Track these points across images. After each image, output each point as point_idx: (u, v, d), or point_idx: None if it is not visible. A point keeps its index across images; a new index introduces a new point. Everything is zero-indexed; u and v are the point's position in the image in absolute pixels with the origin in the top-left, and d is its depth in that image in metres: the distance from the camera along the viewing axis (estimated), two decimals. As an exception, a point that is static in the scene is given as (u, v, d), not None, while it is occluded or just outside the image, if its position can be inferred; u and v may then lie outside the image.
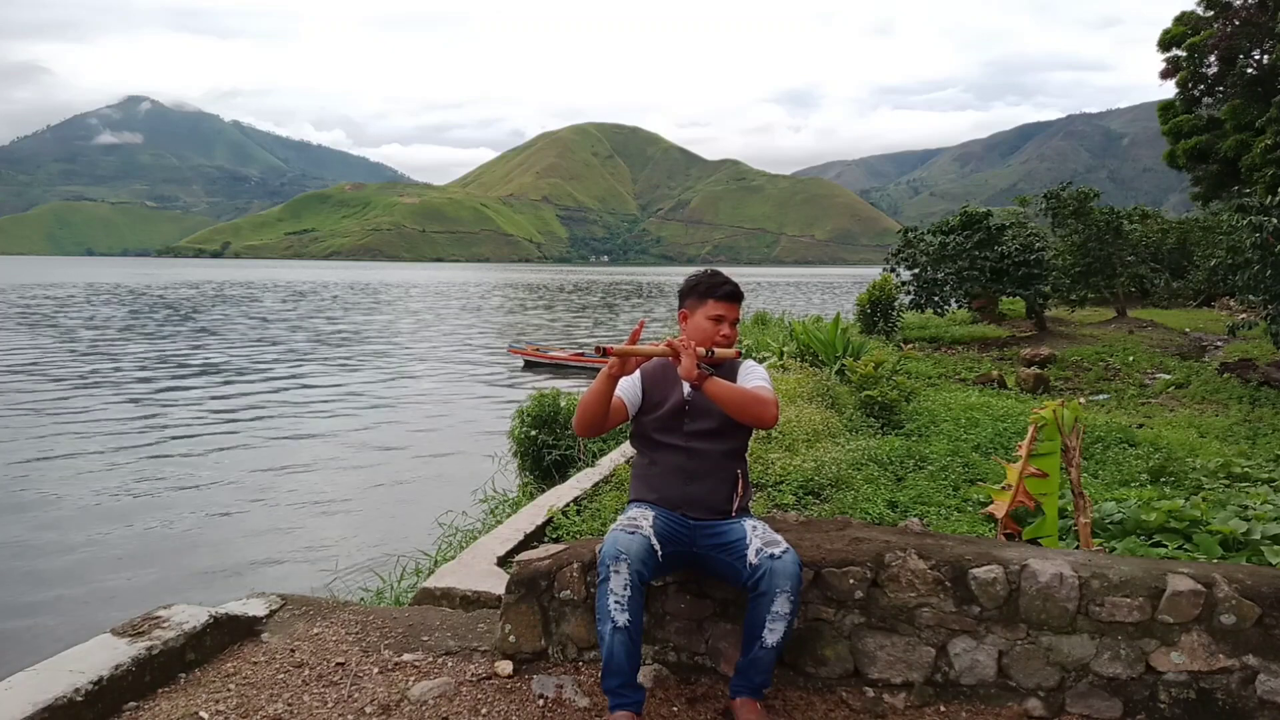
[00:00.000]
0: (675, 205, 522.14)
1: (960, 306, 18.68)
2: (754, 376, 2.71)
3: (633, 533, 2.44)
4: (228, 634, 2.98)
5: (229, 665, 2.82)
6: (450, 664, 2.82)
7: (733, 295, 2.72)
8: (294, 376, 18.85)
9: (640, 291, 67.78)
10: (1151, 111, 27.55)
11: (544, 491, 5.80)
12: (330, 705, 2.57)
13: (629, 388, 2.70)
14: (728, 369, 2.72)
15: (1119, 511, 3.95)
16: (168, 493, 9.57)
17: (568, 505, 4.96)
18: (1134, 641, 2.42)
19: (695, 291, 2.74)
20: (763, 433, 5.73)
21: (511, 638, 2.79)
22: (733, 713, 2.47)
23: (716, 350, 2.63)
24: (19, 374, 18.21)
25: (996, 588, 2.49)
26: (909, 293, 17.03)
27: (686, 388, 2.66)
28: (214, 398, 15.84)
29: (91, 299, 47.33)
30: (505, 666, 2.74)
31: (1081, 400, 9.28)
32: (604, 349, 2.41)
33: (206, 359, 21.74)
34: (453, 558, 4.51)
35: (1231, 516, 3.77)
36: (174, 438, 12.37)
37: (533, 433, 7.25)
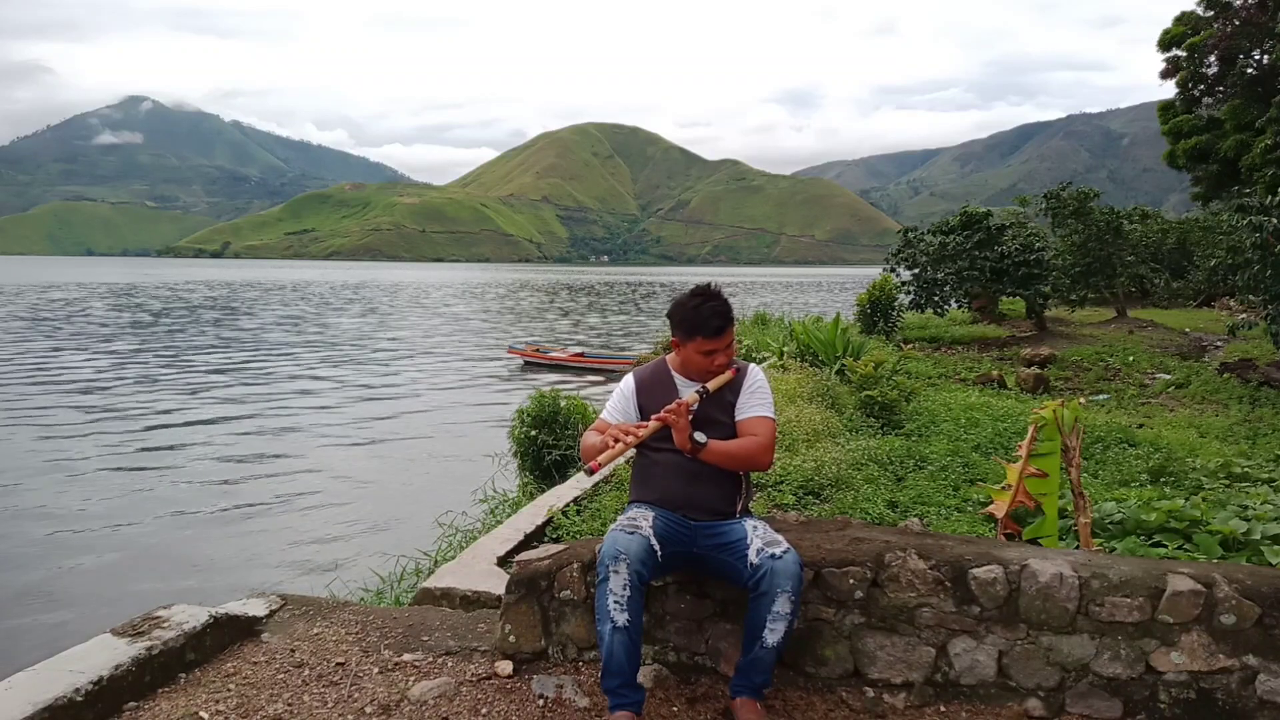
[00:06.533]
0: (675, 205, 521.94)
1: (960, 306, 18.67)
2: (755, 402, 2.68)
3: (632, 533, 2.44)
4: (228, 634, 2.98)
5: (229, 665, 2.82)
6: (450, 664, 2.82)
7: (720, 330, 2.61)
8: (294, 377, 18.85)
9: (657, 293, 67.41)
10: (1151, 111, 27.55)
11: (544, 491, 5.81)
12: (330, 705, 2.57)
13: (626, 414, 2.72)
14: (730, 382, 2.70)
15: (1119, 511, 3.95)
16: (168, 492, 9.57)
17: (568, 505, 4.96)
18: (1134, 641, 2.42)
19: (682, 328, 2.65)
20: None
21: (511, 638, 2.79)
22: (733, 713, 2.47)
23: (710, 385, 2.63)
24: (21, 374, 18.21)
25: (996, 588, 2.49)
26: (909, 293, 17.03)
27: (686, 394, 2.65)
28: (213, 398, 15.83)
29: (97, 299, 47.33)
30: (505, 666, 2.74)
31: (1081, 400, 9.26)
32: (590, 468, 2.44)
33: (205, 360, 21.73)
34: (453, 558, 4.51)
35: (1231, 516, 3.76)
36: (173, 437, 12.37)
37: (533, 433, 7.25)
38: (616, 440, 2.49)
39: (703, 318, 2.61)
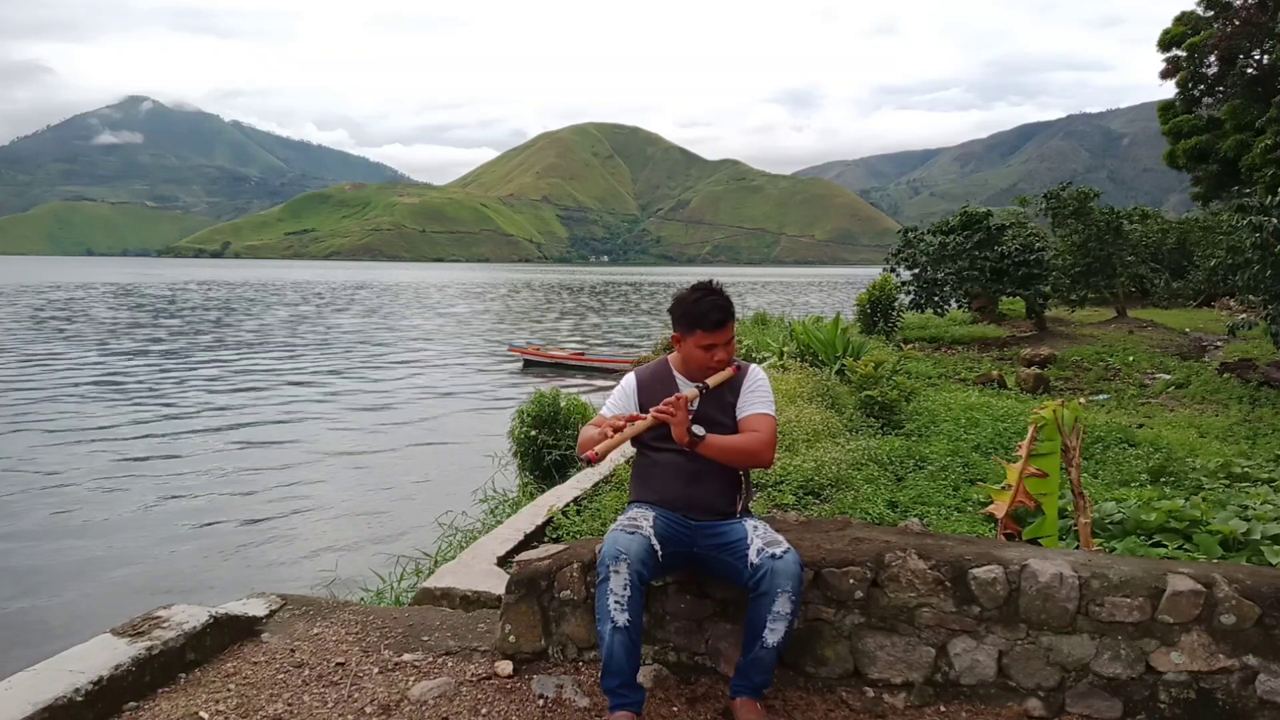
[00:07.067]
0: (675, 205, 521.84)
1: (960, 306, 18.66)
2: (755, 400, 2.67)
3: (633, 533, 2.44)
4: (228, 634, 2.98)
5: (229, 665, 2.82)
6: (450, 664, 2.82)
7: (720, 323, 2.61)
8: (294, 377, 18.85)
9: (658, 293, 67.36)
10: (1151, 111, 27.56)
11: (544, 491, 5.81)
12: (330, 705, 2.57)
13: (627, 411, 2.71)
14: (731, 382, 2.70)
15: (1119, 511, 3.95)
16: (168, 493, 9.57)
17: (568, 505, 4.96)
18: (1134, 641, 2.42)
19: (683, 321, 2.65)
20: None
21: (511, 638, 2.79)
22: (733, 713, 2.47)
23: (710, 381, 2.62)
24: (22, 374, 18.20)
25: (996, 588, 2.49)
26: (909, 293, 17.03)
27: (687, 391, 2.65)
28: (212, 398, 15.83)
29: (98, 300, 47.32)
30: (505, 666, 2.74)
31: (1081, 400, 9.27)
32: (588, 457, 2.42)
33: (205, 360, 21.74)
34: (453, 558, 4.51)
35: (1231, 516, 3.76)
36: (173, 438, 12.37)
37: (533, 433, 7.25)
38: (615, 430, 2.49)
39: (703, 310, 2.61)
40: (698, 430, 2.51)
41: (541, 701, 2.56)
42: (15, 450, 11.37)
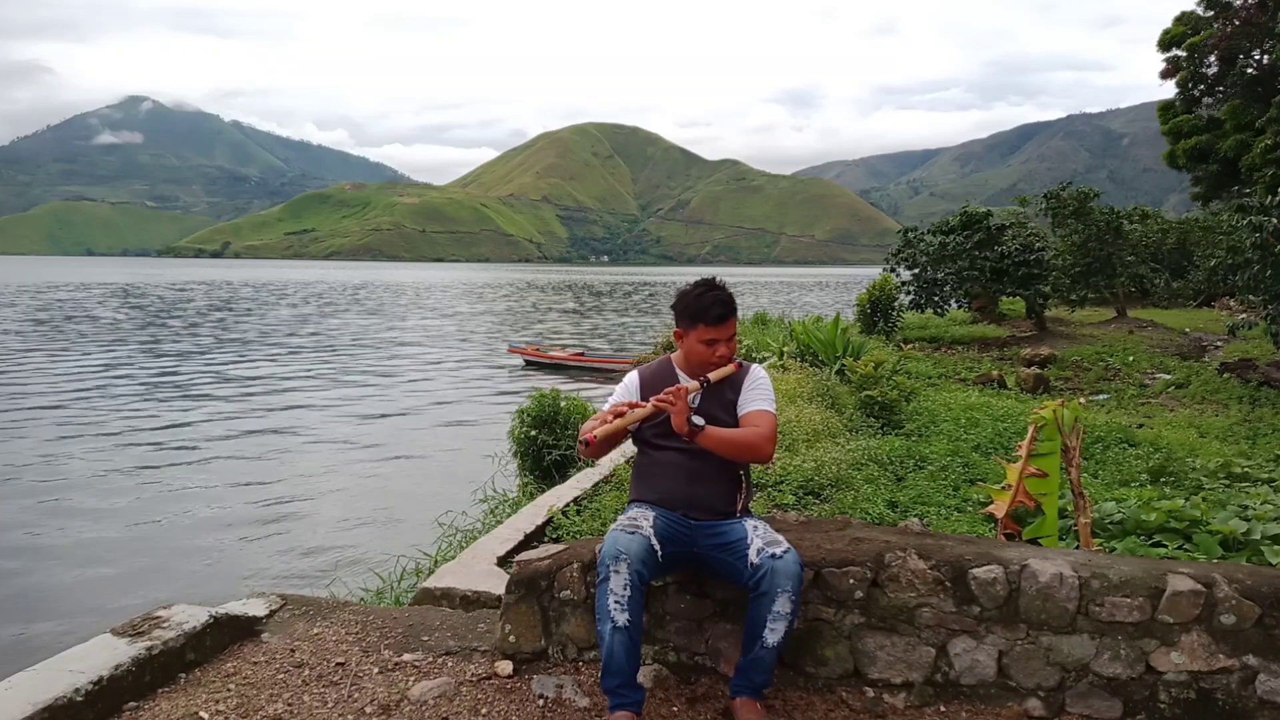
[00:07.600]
0: (675, 205, 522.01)
1: (960, 306, 18.67)
2: (756, 396, 2.68)
3: (633, 533, 2.44)
4: (228, 634, 2.98)
5: (229, 665, 2.82)
6: (450, 664, 2.82)
7: (722, 317, 2.63)
8: (294, 377, 18.85)
9: (660, 294, 67.42)
10: (1151, 111, 27.57)
11: (544, 491, 5.80)
12: (330, 705, 2.57)
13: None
14: (732, 380, 2.71)
15: (1119, 511, 3.95)
16: (168, 493, 9.57)
17: (568, 505, 4.96)
18: (1134, 641, 2.42)
19: (685, 316, 2.67)
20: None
21: (511, 638, 2.79)
22: (733, 713, 2.47)
23: (712, 376, 2.63)
24: (23, 375, 18.20)
25: (996, 588, 2.49)
26: (909, 293, 17.04)
27: (688, 384, 2.65)
28: (212, 398, 15.83)
29: (98, 300, 47.32)
30: (505, 666, 2.74)
31: (1081, 400, 9.27)
32: (586, 439, 2.45)
33: (205, 360, 21.74)
34: (453, 558, 4.51)
35: (1231, 516, 3.76)
36: (173, 438, 12.36)
37: (533, 433, 7.24)
38: (615, 416, 2.50)
39: (705, 305, 2.63)
40: (697, 420, 2.52)
41: (541, 701, 2.56)
42: (15, 450, 11.36)
